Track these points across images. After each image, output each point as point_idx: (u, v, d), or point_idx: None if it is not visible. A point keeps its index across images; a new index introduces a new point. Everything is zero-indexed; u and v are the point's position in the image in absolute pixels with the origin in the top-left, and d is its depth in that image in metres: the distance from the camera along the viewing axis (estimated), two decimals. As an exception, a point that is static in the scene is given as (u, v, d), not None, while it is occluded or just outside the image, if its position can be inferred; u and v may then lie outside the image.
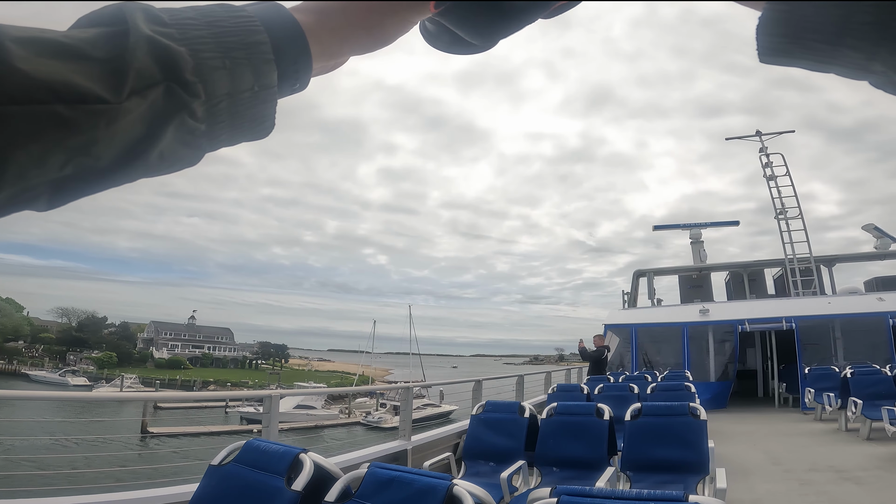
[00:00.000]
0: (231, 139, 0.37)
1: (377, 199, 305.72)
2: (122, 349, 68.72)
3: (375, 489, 2.03)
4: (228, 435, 23.84)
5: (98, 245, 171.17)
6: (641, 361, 12.78)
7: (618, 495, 1.80)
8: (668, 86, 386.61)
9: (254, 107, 0.36)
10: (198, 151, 0.36)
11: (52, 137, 0.27)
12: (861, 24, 0.27)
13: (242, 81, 0.35)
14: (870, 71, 0.28)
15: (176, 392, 33.62)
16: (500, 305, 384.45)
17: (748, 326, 12.09)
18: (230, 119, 0.36)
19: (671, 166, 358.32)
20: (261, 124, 0.38)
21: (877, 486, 4.79)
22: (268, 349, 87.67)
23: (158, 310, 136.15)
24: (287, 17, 0.38)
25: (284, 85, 0.38)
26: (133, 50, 0.30)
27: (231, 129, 0.36)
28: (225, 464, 2.37)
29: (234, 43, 0.35)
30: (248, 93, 0.35)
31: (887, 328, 10.91)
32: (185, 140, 0.34)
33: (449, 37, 0.44)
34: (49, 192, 0.30)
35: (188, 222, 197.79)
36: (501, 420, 4.30)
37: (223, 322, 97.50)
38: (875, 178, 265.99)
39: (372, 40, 0.42)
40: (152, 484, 2.88)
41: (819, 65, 0.30)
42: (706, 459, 3.63)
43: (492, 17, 0.41)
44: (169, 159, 0.34)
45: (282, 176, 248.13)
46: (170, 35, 0.32)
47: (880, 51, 0.27)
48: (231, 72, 0.34)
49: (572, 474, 3.76)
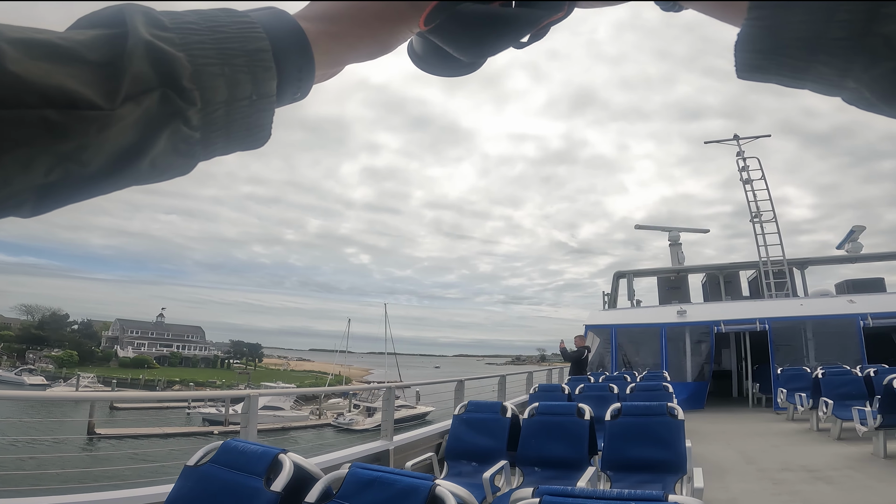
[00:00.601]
0: (226, 148, 0.36)
1: (360, 198, 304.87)
2: (84, 348, 67.00)
3: (357, 490, 2.00)
4: (185, 437, 23.35)
5: (71, 242, 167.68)
6: (621, 362, 12.93)
7: (599, 495, 1.80)
8: (649, 89, 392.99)
9: (251, 115, 0.35)
10: (191, 160, 0.34)
11: (39, 143, 0.26)
12: (835, 41, 0.27)
13: (241, 90, 0.34)
14: (843, 87, 0.29)
15: (133, 392, 32.23)
16: (482, 306, 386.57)
17: (723, 327, 12.32)
18: (226, 127, 0.34)
19: (651, 169, 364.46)
20: (257, 133, 0.37)
21: (847, 485, 4.92)
22: (240, 348, 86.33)
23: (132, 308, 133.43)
24: (291, 24, 0.37)
25: (285, 93, 0.37)
26: (130, 54, 0.29)
27: (227, 138, 0.35)
28: (201, 464, 2.31)
29: (235, 50, 0.33)
30: (245, 101, 0.34)
31: (857, 330, 11.23)
32: (178, 148, 0.33)
33: (436, 59, 0.44)
34: (34, 198, 0.28)
35: (165, 220, 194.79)
36: (484, 420, 4.30)
37: (201, 321, 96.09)
38: (847, 182, 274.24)
39: (379, 47, 0.42)
40: (88, 488, 2.79)
41: (794, 81, 0.30)
42: (684, 459, 3.68)
43: (481, 34, 0.41)
44: (160, 167, 0.33)
45: (263, 174, 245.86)
46: (169, 40, 0.31)
47: (853, 67, 0.27)
48: (230, 79, 0.33)
49: (554, 474, 3.78)
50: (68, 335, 71.06)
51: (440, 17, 0.40)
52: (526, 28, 0.42)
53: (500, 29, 0.41)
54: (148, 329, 76.98)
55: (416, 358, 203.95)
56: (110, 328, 77.00)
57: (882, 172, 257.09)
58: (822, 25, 0.27)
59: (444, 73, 0.45)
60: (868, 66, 0.27)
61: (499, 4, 0.41)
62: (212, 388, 51.03)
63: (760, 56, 0.30)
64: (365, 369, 75.89)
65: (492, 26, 0.40)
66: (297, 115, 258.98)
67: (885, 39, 0.26)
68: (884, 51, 0.26)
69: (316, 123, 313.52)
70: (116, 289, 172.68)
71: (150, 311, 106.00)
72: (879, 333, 11.94)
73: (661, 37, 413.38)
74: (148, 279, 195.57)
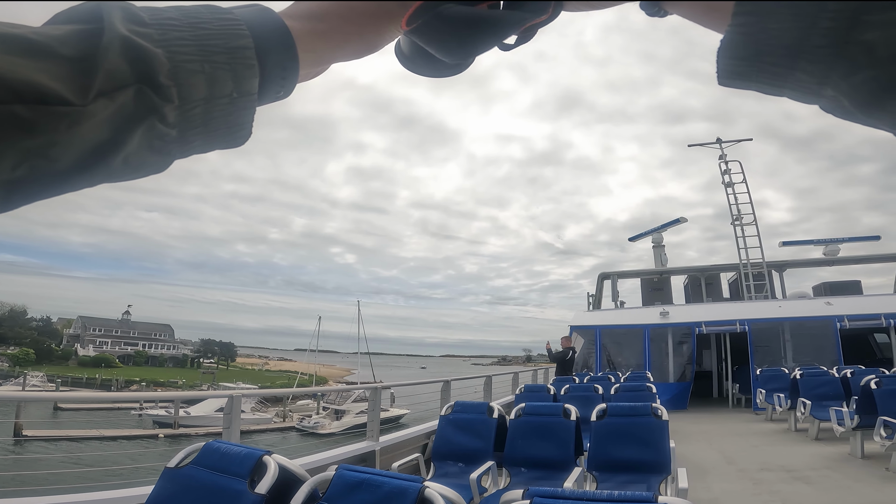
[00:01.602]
0: (204, 146, 0.36)
1: (346, 197, 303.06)
2: (43, 345, 64.62)
3: (344, 492, 1.97)
4: (127, 440, 22.02)
5: (49, 239, 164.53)
6: (605, 362, 13.04)
7: (589, 497, 1.79)
8: (635, 91, 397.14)
9: (231, 114, 0.34)
10: (167, 157, 0.34)
11: (7, 138, 0.26)
12: (816, 48, 0.27)
13: (221, 87, 0.33)
14: (821, 95, 0.29)
15: (78, 392, 29.68)
16: (469, 306, 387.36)
17: (705, 329, 12.50)
18: (204, 125, 0.34)
19: (635, 171, 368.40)
20: (237, 132, 0.36)
21: (825, 485, 5.01)
22: (211, 347, 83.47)
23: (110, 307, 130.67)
24: (276, 22, 0.36)
25: (268, 92, 0.37)
26: (105, 49, 0.28)
27: (205, 136, 0.34)
28: (182, 466, 2.25)
29: (217, 46, 0.33)
30: (225, 99, 0.33)
31: (834, 331, 11.46)
32: (153, 145, 0.32)
33: (424, 59, 0.44)
34: (1, 193, 0.28)
35: (146, 217, 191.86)
36: (470, 421, 4.28)
37: (182, 321, 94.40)
38: (826, 186, 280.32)
39: (365, 46, 0.41)
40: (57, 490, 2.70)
41: (773, 88, 0.31)
42: (668, 459, 3.71)
43: (464, 36, 0.41)
44: (134, 164, 0.32)
45: (247, 172, 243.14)
46: (147, 35, 0.30)
47: (832, 75, 0.27)
48: (210, 76, 0.32)
49: (540, 474, 3.77)
50: (27, 333, 68.11)
51: (423, 18, 0.40)
52: (509, 30, 0.41)
53: (483, 30, 0.40)
54: (112, 327, 74.24)
55: (403, 358, 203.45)
56: (73, 326, 74.34)
57: (860, 176, 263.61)
58: (803, 33, 0.27)
59: (431, 73, 0.45)
60: (846, 73, 0.27)
61: (484, 6, 0.41)
62: (173, 389, 49.01)
63: (741, 63, 0.30)
64: (346, 369, 74.94)
65: (475, 28, 0.40)
66: (283, 112, 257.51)
67: (865, 47, 0.26)
68: (863, 59, 0.26)
69: (301, 122, 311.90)
70: (97, 287, 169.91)
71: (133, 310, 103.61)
72: (856, 335, 12.24)
73: (647, 39, 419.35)
74: (129, 277, 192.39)
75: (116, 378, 54.61)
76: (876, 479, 5.09)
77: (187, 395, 29.42)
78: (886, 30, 0.25)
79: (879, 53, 0.25)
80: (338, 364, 62.07)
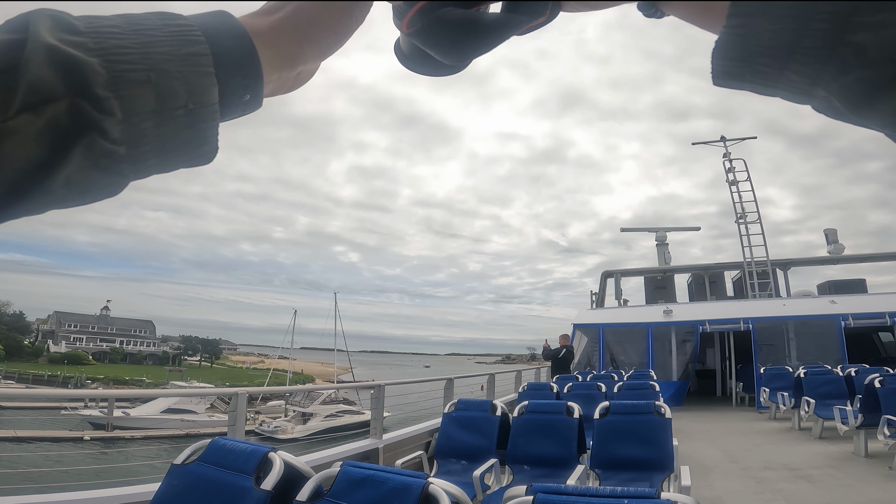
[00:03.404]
0: (163, 164, 0.32)
1: (348, 195, 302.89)
2: (13, 342, 61.48)
3: (348, 488, 1.98)
4: (46, 442, 20.08)
5: (56, 238, 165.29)
6: (608, 360, 13.03)
7: (593, 493, 1.80)
8: (637, 89, 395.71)
9: (189, 127, 0.31)
10: (119, 178, 0.31)
11: None
12: (807, 49, 0.27)
13: (173, 98, 0.30)
14: (812, 95, 0.29)
15: (13, 389, 28.85)
16: (473, 304, 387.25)
17: (708, 327, 12.47)
18: (159, 141, 0.31)
19: (639, 169, 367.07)
20: (199, 147, 0.33)
21: (828, 484, 5.00)
22: (193, 344, 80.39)
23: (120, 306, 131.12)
24: (233, 25, 0.34)
25: (231, 102, 0.34)
26: (27, 60, 0.26)
27: (161, 154, 0.31)
28: (188, 463, 2.28)
29: (165, 54, 0.30)
30: (180, 111, 0.31)
31: (838, 330, 11.42)
32: (100, 164, 0.29)
33: (423, 58, 0.44)
34: None
35: (152, 217, 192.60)
36: (473, 418, 4.30)
37: (187, 319, 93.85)
38: (832, 183, 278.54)
39: (335, 39, 0.39)
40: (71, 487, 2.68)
41: (766, 88, 0.31)
42: (671, 457, 3.71)
43: (462, 39, 0.41)
44: (80, 187, 0.29)
45: (251, 171, 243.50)
46: (80, 45, 0.28)
47: (823, 76, 0.28)
48: (158, 87, 0.29)
49: (543, 472, 3.79)
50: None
51: (422, 21, 0.40)
52: (508, 34, 0.42)
53: (483, 35, 0.41)
54: (89, 323, 71.45)
55: (408, 357, 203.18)
56: (48, 321, 71.47)
57: (867, 174, 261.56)
58: (796, 34, 0.27)
59: (430, 72, 0.45)
60: (837, 74, 0.27)
61: (481, 8, 0.41)
62: (138, 387, 45.57)
63: (735, 64, 0.30)
64: (345, 367, 73.83)
65: (474, 32, 0.41)
66: (285, 112, 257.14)
67: (856, 48, 0.26)
68: (854, 60, 0.26)
69: (304, 121, 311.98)
70: (104, 286, 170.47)
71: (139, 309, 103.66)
72: (860, 334, 12.19)
73: (649, 36, 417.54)
74: (135, 276, 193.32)
75: (79, 376, 51.30)
76: (879, 477, 5.08)
77: (124, 394, 27.79)
78: (877, 31, 0.25)
79: (870, 54, 0.26)
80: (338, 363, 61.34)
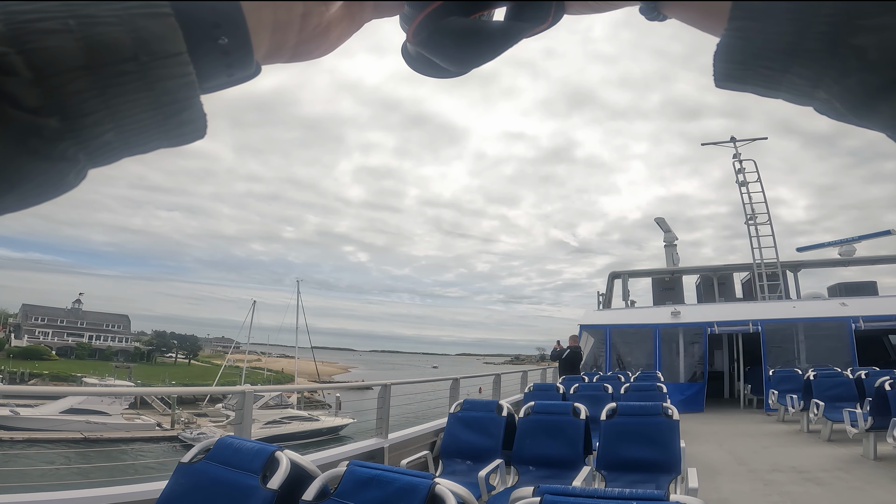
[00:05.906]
0: (129, 143, 0.26)
1: (357, 196, 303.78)
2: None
3: (355, 488, 1.99)
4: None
5: (73, 238, 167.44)
6: (615, 362, 12.97)
7: (600, 494, 1.80)
8: (646, 87, 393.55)
9: (149, 88, 0.24)
10: (65, 164, 0.24)
11: None
12: (809, 52, 0.27)
13: (112, 49, 0.23)
14: (814, 98, 0.29)
15: None
16: (483, 305, 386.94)
17: (716, 329, 12.38)
18: (111, 110, 0.24)
19: (648, 168, 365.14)
20: (175, 116, 0.26)
21: (837, 487, 4.95)
22: (167, 340, 75.79)
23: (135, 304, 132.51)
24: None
25: (205, 52, 0.26)
26: None
27: (120, 127, 0.25)
28: (195, 461, 2.29)
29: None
30: (129, 64, 0.24)
31: (849, 332, 11.30)
32: (30, 146, 0.23)
33: (429, 61, 0.45)
34: None
35: (166, 216, 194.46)
36: (479, 419, 4.30)
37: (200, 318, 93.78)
38: (848, 183, 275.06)
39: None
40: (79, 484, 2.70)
41: (768, 90, 0.31)
42: (678, 459, 3.69)
43: (467, 48, 0.42)
44: (11, 179, 0.24)
45: (261, 171, 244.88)
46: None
47: (824, 79, 0.28)
48: (83, 36, 0.23)
49: (549, 473, 3.78)
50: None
51: (427, 31, 0.41)
52: (511, 41, 0.42)
53: (486, 44, 0.42)
54: (58, 316, 68.15)
55: (418, 357, 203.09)
56: (18, 315, 67.83)
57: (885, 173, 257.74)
58: (798, 36, 0.27)
59: (436, 74, 0.46)
60: (839, 77, 0.27)
61: (484, 15, 0.42)
62: (66, 384, 42.31)
63: (737, 66, 0.30)
64: (344, 367, 72.22)
65: (478, 41, 0.41)
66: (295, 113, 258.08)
67: (858, 51, 0.26)
68: (855, 62, 0.26)
69: (313, 121, 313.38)
70: (120, 285, 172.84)
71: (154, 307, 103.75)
72: (871, 336, 12.06)
73: (657, 35, 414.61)
74: (150, 275, 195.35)
75: (21, 371, 48.19)
76: (888, 480, 5.03)
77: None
78: (878, 33, 0.26)
79: (871, 57, 0.26)
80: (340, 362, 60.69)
